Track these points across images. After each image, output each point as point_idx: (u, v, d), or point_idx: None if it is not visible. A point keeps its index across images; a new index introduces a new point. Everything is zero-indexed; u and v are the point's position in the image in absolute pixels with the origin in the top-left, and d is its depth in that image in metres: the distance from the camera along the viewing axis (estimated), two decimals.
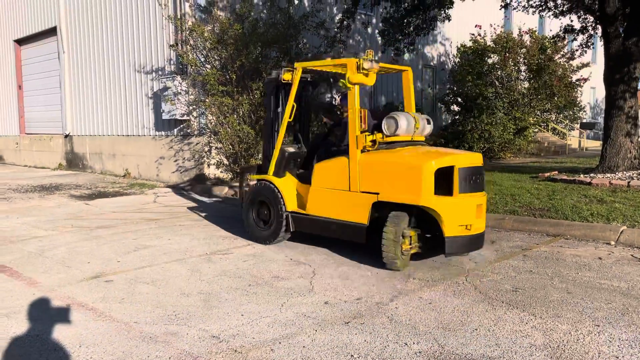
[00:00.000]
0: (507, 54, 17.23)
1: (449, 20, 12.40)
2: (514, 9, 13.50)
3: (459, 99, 17.09)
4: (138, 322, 3.69)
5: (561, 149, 20.22)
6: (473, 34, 17.60)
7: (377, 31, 14.70)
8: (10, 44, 18.62)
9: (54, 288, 4.48)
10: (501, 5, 13.07)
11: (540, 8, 12.86)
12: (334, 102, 12.02)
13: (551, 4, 12.65)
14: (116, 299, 4.18)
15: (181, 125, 11.81)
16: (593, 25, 12.70)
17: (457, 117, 17.12)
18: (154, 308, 3.97)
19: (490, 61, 17.59)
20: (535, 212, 7.15)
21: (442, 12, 12.12)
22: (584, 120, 24.49)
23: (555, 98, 18.35)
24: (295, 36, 11.42)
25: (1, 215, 8.07)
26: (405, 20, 12.15)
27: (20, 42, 18.31)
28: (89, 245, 6.04)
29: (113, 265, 5.21)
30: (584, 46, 13.58)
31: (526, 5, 13.00)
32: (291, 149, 6.23)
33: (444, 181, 4.81)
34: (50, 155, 17.06)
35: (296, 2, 12.12)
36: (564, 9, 12.42)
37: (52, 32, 16.28)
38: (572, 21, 13.50)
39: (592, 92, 28.14)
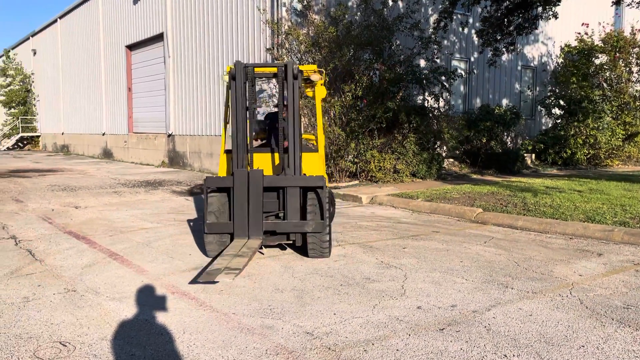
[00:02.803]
0: (618, 54, 16.02)
1: (556, 18, 11.69)
2: (628, 5, 12.50)
3: (561, 102, 16.10)
4: (236, 314, 3.83)
5: None
6: (579, 33, 16.52)
7: (473, 31, 14.24)
8: (122, 50, 20.18)
9: (159, 276, 4.78)
10: (612, 2, 12.17)
11: None
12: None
13: None
14: (215, 290, 4.38)
15: None
16: None
17: (559, 121, 16.15)
18: (250, 301, 4.11)
19: (597, 62, 16.44)
20: None
21: (548, 10, 11.47)
22: None
23: None
24: (388, 38, 11.36)
25: (112, 208, 8.75)
26: (506, 20, 11.66)
27: (131, 47, 19.78)
28: (189, 239, 6.38)
29: None
30: None
31: None
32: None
33: None
34: (154, 153, 18.27)
35: (390, 3, 12.05)
36: None
37: (159, 37, 17.44)
38: None
39: None
